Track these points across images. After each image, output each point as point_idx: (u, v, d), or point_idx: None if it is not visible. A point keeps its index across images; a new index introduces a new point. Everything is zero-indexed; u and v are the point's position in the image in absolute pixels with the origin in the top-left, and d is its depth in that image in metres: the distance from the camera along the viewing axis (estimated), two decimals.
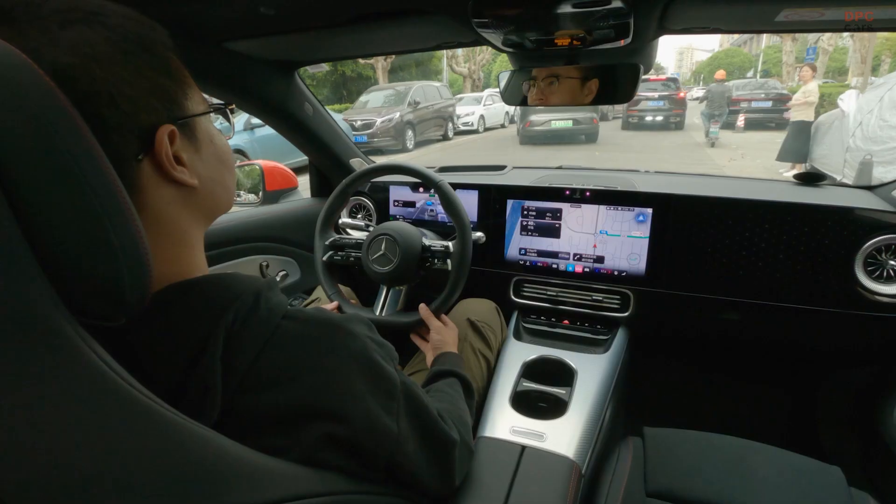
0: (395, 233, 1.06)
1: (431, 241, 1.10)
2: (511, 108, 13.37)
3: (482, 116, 12.85)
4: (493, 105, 13.35)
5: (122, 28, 0.40)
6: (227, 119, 0.58)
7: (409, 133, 9.68)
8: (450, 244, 1.06)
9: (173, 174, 0.43)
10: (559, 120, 9.70)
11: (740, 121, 10.81)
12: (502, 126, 13.89)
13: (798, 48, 17.24)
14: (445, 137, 11.34)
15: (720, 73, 10.87)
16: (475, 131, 12.63)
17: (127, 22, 0.41)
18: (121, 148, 0.39)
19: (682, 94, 11.61)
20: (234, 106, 0.58)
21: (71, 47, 0.37)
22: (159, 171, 0.43)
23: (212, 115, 0.51)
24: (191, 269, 0.47)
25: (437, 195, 1.06)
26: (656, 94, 11.30)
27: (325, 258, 1.16)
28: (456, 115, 12.13)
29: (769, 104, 11.11)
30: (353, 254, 1.16)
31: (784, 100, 10.69)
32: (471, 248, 1.03)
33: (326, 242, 1.17)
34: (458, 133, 12.22)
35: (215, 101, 0.54)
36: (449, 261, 1.05)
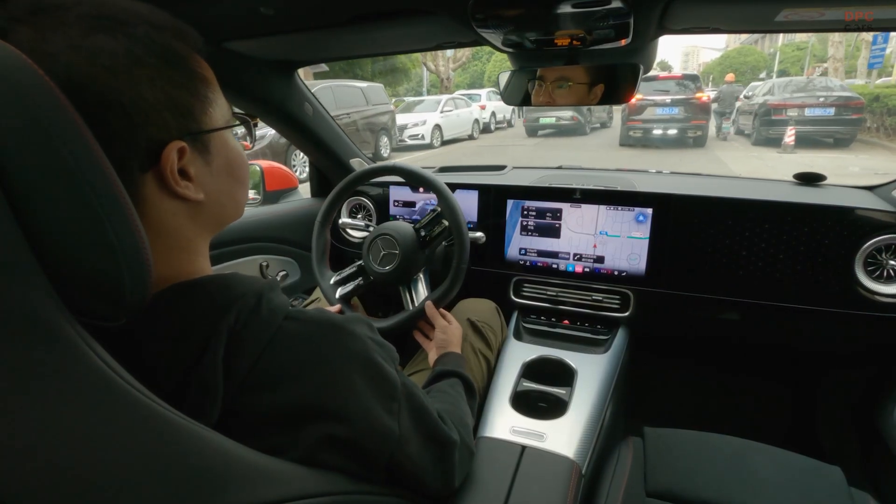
0: (386, 229, 1.07)
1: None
2: (486, 115, 12.68)
3: (438, 126, 9.90)
4: (454, 111, 10.66)
5: (147, 39, 0.40)
6: (249, 131, 0.56)
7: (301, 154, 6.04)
8: (438, 208, 1.07)
9: (176, 190, 0.43)
10: (545, 117, 11.44)
11: (789, 136, 7.52)
12: (470, 137, 11.28)
13: (848, 39, 13.86)
14: (376, 157, 7.90)
15: (730, 76, 11.68)
16: (428, 146, 9.61)
17: (154, 32, 0.40)
18: (126, 159, 0.39)
19: (703, 98, 8.27)
20: (258, 120, 0.56)
21: (89, 56, 0.37)
22: (163, 184, 0.42)
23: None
24: (193, 271, 0.47)
25: (435, 196, 1.06)
26: (668, 98, 8.10)
27: (337, 296, 1.11)
28: (398, 125, 9.23)
29: (831, 112, 7.74)
30: (360, 282, 1.13)
31: (854, 105, 7.71)
32: (465, 227, 1.04)
33: (331, 282, 1.13)
34: (401, 149, 9.27)
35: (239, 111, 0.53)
36: (444, 221, 1.06)
